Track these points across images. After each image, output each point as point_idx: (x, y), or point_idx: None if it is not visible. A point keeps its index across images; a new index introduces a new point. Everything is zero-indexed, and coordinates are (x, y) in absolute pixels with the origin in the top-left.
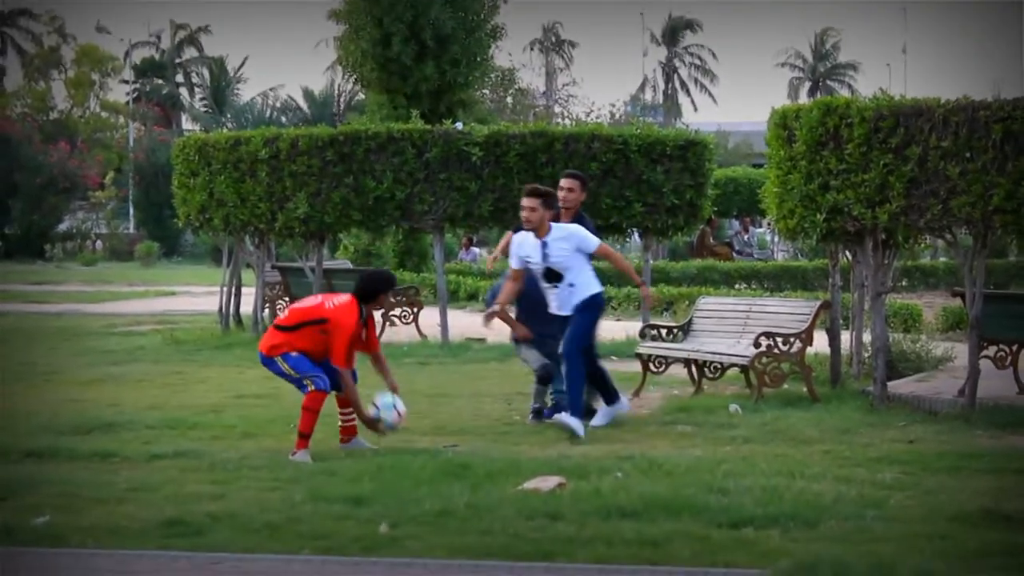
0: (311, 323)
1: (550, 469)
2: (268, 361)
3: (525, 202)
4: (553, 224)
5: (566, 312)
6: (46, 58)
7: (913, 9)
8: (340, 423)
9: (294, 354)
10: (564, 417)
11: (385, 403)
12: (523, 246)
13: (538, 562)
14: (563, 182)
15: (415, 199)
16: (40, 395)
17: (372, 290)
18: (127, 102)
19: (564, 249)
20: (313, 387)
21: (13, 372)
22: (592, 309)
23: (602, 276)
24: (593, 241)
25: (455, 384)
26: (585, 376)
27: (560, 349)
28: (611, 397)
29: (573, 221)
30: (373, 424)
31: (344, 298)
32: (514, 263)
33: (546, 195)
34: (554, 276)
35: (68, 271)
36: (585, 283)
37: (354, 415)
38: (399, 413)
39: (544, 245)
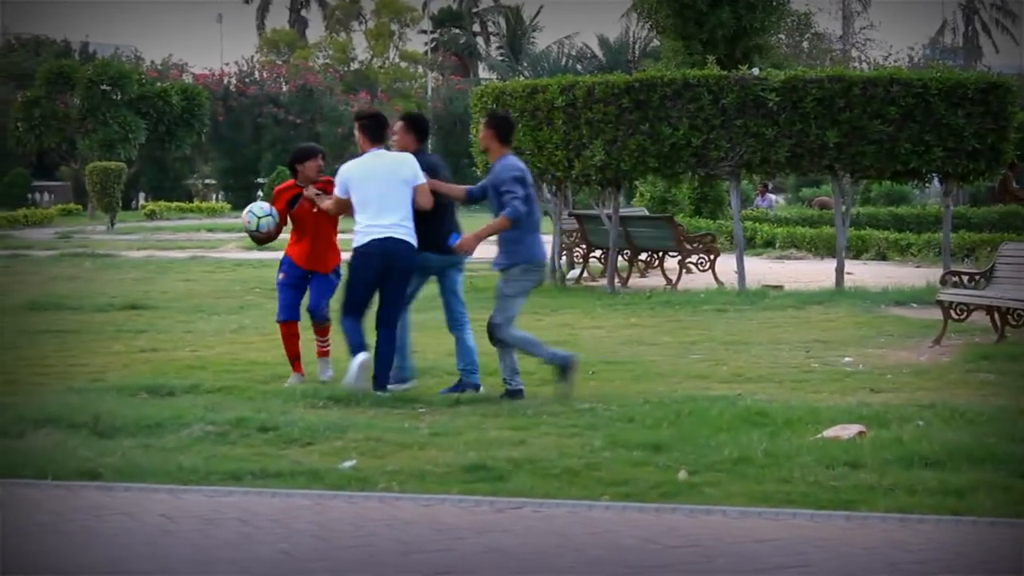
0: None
1: (850, 417)
2: None
3: None
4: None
5: None
6: (347, 9)
7: None
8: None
9: (280, 276)
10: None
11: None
12: None
13: (838, 510)
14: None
15: (711, 146)
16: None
17: (290, 163)
18: (425, 52)
19: None
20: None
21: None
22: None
23: (899, 220)
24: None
25: (752, 331)
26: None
27: None
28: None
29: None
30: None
31: None
32: None
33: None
34: None
35: None
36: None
37: (328, 343)
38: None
39: None
